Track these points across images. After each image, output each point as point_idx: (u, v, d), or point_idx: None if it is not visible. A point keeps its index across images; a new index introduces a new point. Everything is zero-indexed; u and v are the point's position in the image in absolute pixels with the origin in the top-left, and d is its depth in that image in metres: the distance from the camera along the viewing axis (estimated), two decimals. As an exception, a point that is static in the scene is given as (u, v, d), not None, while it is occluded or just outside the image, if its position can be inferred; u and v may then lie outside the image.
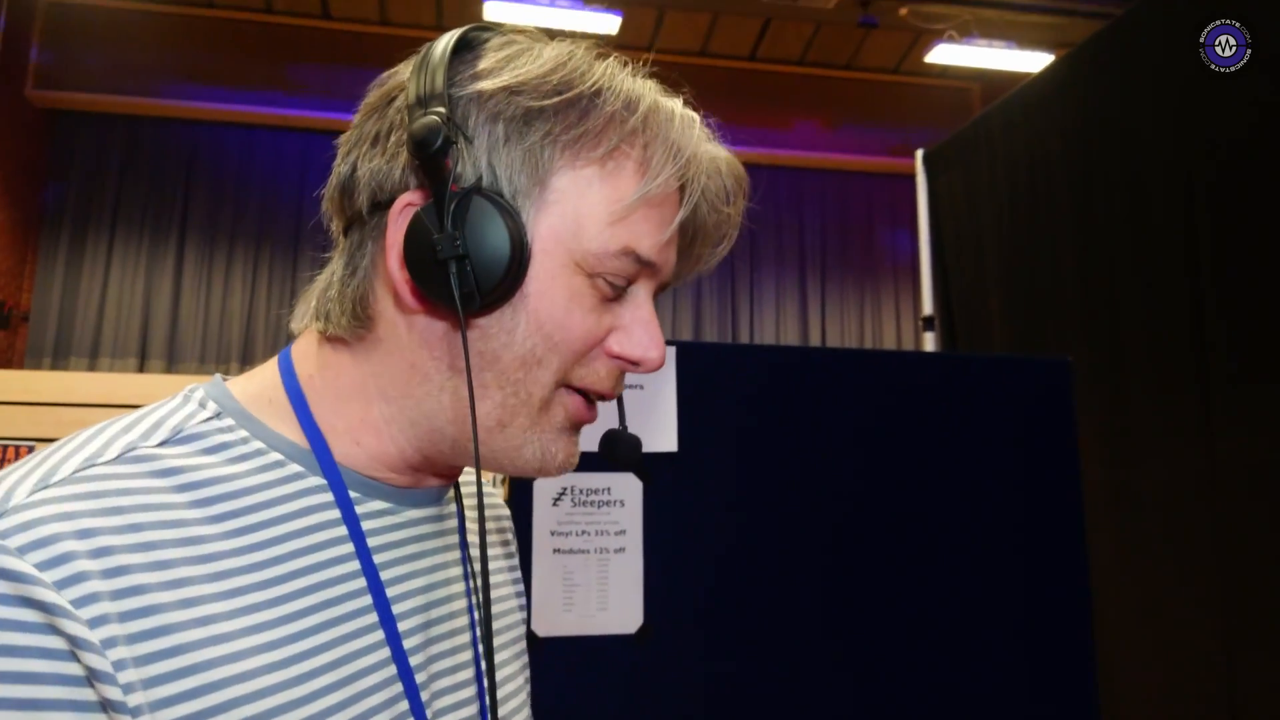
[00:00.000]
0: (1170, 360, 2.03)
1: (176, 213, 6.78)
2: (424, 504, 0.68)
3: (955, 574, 1.63)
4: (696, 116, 0.65)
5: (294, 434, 0.62)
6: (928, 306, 2.96)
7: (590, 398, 0.63)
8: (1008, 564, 1.66)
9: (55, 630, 0.46)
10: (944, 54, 7.00)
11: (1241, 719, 1.81)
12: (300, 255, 7.00)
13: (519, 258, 0.57)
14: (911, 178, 3.11)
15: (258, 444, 0.60)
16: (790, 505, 1.56)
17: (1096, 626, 1.71)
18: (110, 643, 0.47)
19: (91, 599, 0.47)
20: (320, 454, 0.61)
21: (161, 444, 0.56)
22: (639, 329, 0.63)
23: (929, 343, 2.94)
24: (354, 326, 0.62)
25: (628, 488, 1.44)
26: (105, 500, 0.51)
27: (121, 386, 5.43)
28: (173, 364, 6.57)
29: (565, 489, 1.43)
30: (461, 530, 0.73)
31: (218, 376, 0.64)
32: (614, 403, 0.70)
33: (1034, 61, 7.05)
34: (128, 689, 0.47)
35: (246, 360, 6.70)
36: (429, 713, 0.62)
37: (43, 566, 0.46)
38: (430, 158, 0.57)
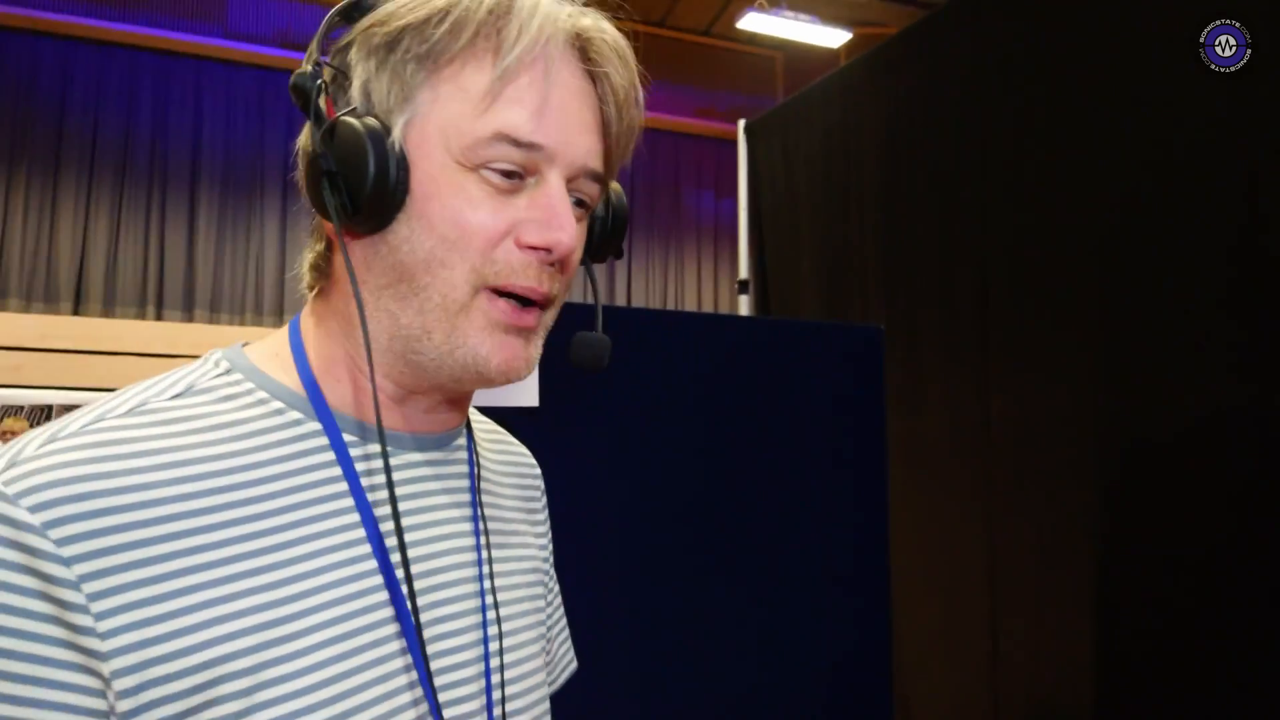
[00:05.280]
0: (957, 330, 2.28)
1: (108, 148, 6.21)
2: (427, 448, 0.69)
3: (772, 520, 1.78)
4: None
5: (295, 384, 0.65)
6: (744, 270, 3.13)
7: (520, 299, 0.63)
8: (819, 510, 1.83)
9: (31, 571, 0.51)
10: (754, 21, 7.26)
11: (1000, 633, 2.10)
12: (257, 202, 6.55)
13: (385, 165, 0.60)
14: (717, 140, 3.27)
15: (262, 394, 0.63)
16: (627, 460, 1.64)
17: (893, 561, 1.93)
18: (89, 577, 0.51)
19: (73, 539, 0.51)
20: (315, 400, 0.64)
21: (174, 398, 0.61)
22: (540, 214, 0.63)
23: (743, 305, 3.11)
24: (317, 279, 0.68)
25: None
26: (104, 449, 0.55)
27: (54, 328, 5.04)
28: (111, 307, 6.09)
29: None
30: (472, 477, 0.74)
31: (239, 343, 0.68)
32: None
33: (833, 37, 7.45)
34: (100, 616, 0.51)
35: (188, 307, 6.25)
36: (431, 662, 0.63)
37: (34, 510, 0.51)
38: (304, 101, 0.62)
